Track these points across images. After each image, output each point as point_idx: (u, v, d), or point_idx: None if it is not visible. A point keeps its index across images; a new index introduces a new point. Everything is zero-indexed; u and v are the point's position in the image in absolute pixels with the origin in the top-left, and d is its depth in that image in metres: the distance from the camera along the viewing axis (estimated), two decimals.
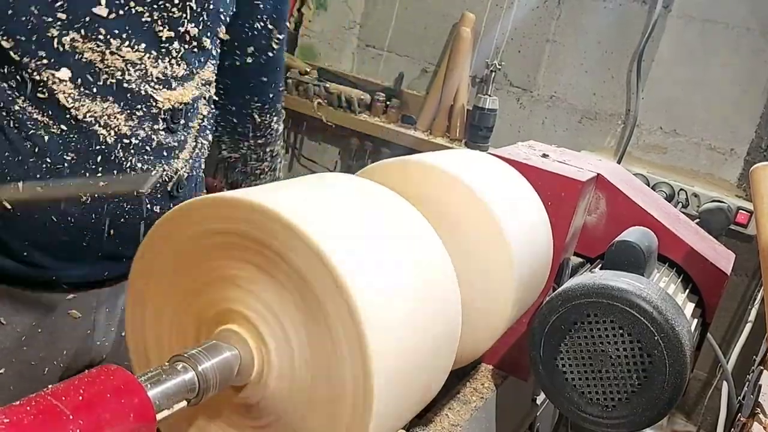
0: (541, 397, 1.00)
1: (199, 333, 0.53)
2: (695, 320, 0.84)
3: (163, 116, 0.84)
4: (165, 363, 0.46)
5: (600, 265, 0.82)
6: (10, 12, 0.71)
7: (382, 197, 0.59)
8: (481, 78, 2.32)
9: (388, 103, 2.40)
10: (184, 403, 0.45)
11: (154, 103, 0.82)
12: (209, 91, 0.93)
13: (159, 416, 0.42)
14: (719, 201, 1.92)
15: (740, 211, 1.91)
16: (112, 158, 0.80)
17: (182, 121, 0.87)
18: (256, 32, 1.02)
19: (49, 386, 0.38)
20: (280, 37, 1.05)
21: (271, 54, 1.05)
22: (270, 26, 1.03)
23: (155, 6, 0.78)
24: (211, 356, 0.47)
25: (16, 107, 0.75)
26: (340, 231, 0.49)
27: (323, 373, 0.47)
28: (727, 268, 0.87)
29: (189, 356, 0.46)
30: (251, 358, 0.49)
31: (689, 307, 0.83)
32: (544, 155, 0.91)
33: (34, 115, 0.76)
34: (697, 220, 1.83)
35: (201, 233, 0.51)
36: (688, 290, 0.86)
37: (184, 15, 0.81)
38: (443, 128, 2.32)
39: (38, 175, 0.78)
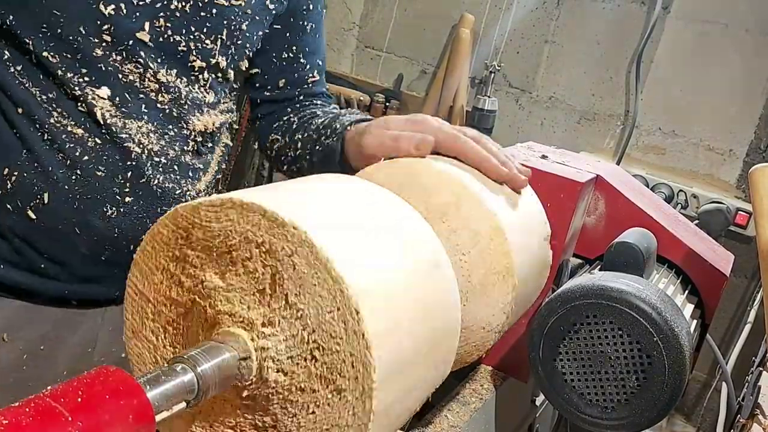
0: (540, 399, 1.00)
1: (198, 334, 0.53)
2: (694, 321, 0.84)
3: (192, 138, 0.87)
4: (164, 364, 0.46)
5: (599, 267, 0.82)
6: (59, 31, 0.75)
7: (381, 196, 0.59)
8: (481, 79, 2.33)
9: (387, 104, 2.41)
10: (183, 405, 0.45)
11: (185, 125, 0.86)
12: (232, 118, 0.96)
13: (158, 417, 0.42)
14: (718, 202, 1.93)
15: (739, 212, 1.92)
16: (141, 174, 0.82)
17: (209, 145, 0.91)
18: (285, 64, 1.01)
19: (48, 387, 0.38)
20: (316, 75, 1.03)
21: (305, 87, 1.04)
22: (303, 60, 1.01)
23: (191, 36, 0.82)
24: (210, 357, 0.47)
25: (52, 120, 0.78)
26: (337, 227, 0.49)
27: (322, 373, 0.47)
28: (726, 269, 0.87)
29: (188, 357, 0.46)
30: (251, 359, 0.49)
31: (688, 308, 0.83)
32: (543, 156, 0.91)
33: (69, 128, 0.78)
34: (696, 221, 1.83)
35: (199, 235, 0.51)
36: (687, 291, 0.86)
37: (215, 47, 0.85)
38: None
39: (66, 187, 0.79)
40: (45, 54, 0.75)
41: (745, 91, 1.94)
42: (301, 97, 1.04)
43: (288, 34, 0.98)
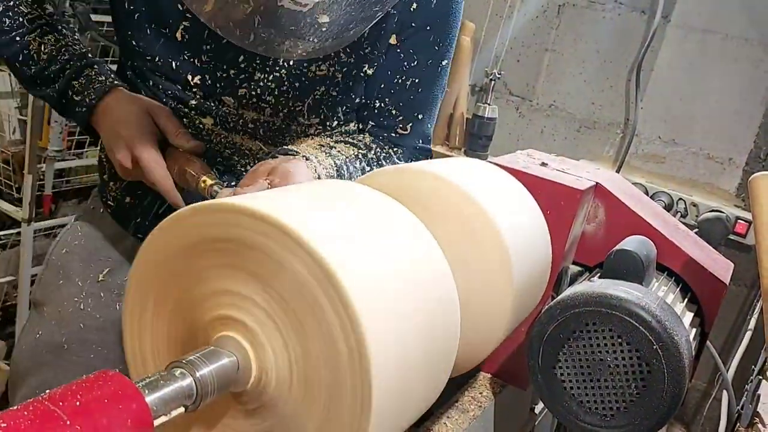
0: (539, 406, 1.00)
1: (197, 339, 0.52)
2: (694, 329, 0.84)
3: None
4: (162, 369, 0.45)
5: (599, 274, 0.82)
6: (161, 84, 0.90)
7: (382, 204, 0.59)
8: (481, 87, 2.33)
9: None
10: (181, 410, 0.44)
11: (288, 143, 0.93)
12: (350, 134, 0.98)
13: (156, 422, 0.41)
14: (718, 211, 1.93)
15: (739, 221, 1.92)
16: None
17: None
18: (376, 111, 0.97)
19: (46, 391, 0.37)
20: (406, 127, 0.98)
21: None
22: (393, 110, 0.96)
23: (277, 100, 0.90)
24: (209, 362, 0.47)
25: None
26: (340, 237, 0.49)
27: (321, 380, 0.47)
28: (725, 277, 0.87)
29: (187, 362, 0.46)
30: (249, 365, 0.49)
31: (688, 317, 0.83)
32: (543, 164, 0.91)
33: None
34: (696, 229, 1.83)
35: (195, 241, 0.51)
36: (686, 299, 0.86)
37: (303, 109, 0.91)
38: (443, 137, 2.32)
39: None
40: (160, 91, 0.90)
41: (745, 100, 1.95)
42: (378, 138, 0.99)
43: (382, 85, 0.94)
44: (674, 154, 2.07)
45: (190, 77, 0.88)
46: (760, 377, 0.80)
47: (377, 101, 0.95)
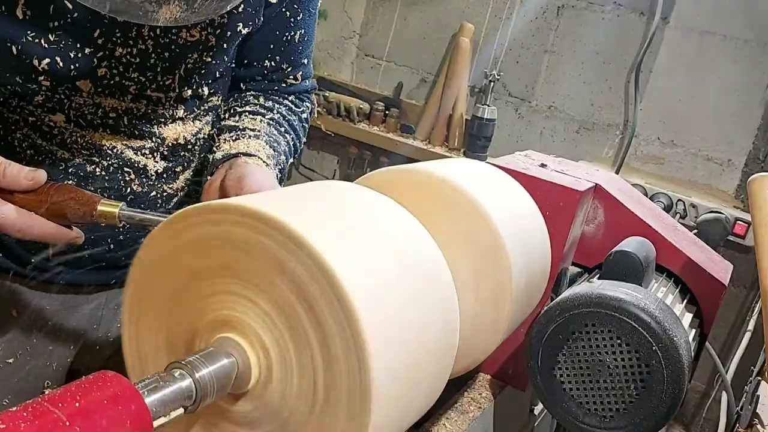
0: (538, 407, 1.00)
1: (196, 340, 0.52)
2: (693, 330, 0.84)
3: (164, 146, 0.86)
4: (162, 370, 0.45)
5: (598, 275, 0.82)
6: (2, 78, 0.74)
7: (382, 206, 0.59)
8: (480, 88, 2.33)
9: (387, 112, 2.41)
10: (181, 411, 0.44)
11: (151, 138, 0.84)
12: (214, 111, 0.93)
13: (156, 423, 0.41)
14: (717, 212, 1.93)
15: (738, 222, 1.92)
16: (111, 180, 0.83)
17: (182, 153, 0.89)
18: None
19: (46, 392, 0.37)
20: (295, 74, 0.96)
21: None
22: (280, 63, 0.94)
23: (142, 77, 0.79)
24: (209, 363, 0.47)
25: (18, 135, 0.79)
26: (339, 238, 0.49)
27: (320, 381, 0.47)
28: (725, 278, 0.87)
29: (186, 363, 0.46)
30: (249, 366, 0.49)
31: (687, 318, 0.83)
32: (542, 165, 0.92)
33: (38, 142, 0.79)
34: (695, 230, 1.83)
35: (193, 241, 0.51)
36: (686, 300, 0.86)
37: (173, 82, 0.82)
38: (442, 138, 2.32)
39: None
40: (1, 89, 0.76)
41: (744, 101, 1.95)
42: (266, 84, 0.97)
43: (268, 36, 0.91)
44: (673, 156, 2.07)
45: (36, 62, 0.73)
46: (759, 378, 0.81)
47: (266, 61, 0.93)
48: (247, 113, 0.91)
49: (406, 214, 0.59)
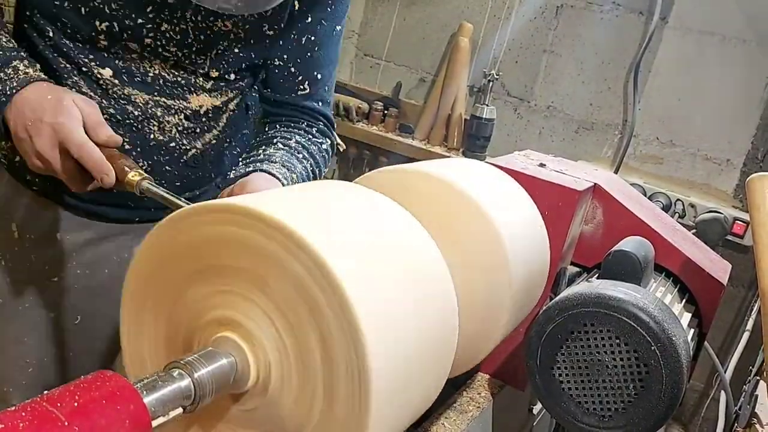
0: (537, 407, 1.00)
1: (195, 340, 0.52)
2: (692, 330, 0.84)
3: (188, 112, 0.97)
4: (161, 370, 0.45)
5: (597, 275, 0.82)
6: (68, 29, 0.89)
7: (382, 206, 0.59)
8: (479, 88, 2.33)
9: (386, 112, 2.41)
10: (179, 410, 0.44)
11: (181, 102, 0.96)
12: (235, 102, 1.03)
13: (154, 423, 0.41)
14: (716, 211, 1.93)
15: (736, 221, 1.92)
16: (139, 130, 0.95)
17: (204, 121, 1.00)
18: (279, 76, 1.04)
19: (45, 392, 0.37)
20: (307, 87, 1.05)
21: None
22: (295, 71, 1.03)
23: (181, 52, 0.92)
24: (207, 363, 0.46)
25: (70, 83, 0.91)
26: (339, 237, 0.49)
27: (320, 381, 0.47)
28: (723, 278, 0.87)
29: (185, 363, 0.46)
30: (247, 366, 0.49)
31: (686, 317, 0.83)
32: (541, 164, 0.92)
33: (84, 90, 0.91)
34: (694, 230, 1.83)
35: (193, 241, 0.51)
36: (684, 300, 0.86)
37: (205, 62, 0.94)
38: (441, 137, 2.32)
39: None
40: (62, 41, 0.90)
41: (742, 101, 1.95)
42: (288, 109, 1.06)
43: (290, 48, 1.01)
44: (672, 155, 2.07)
45: (98, 23, 0.88)
46: (758, 378, 0.81)
47: (277, 60, 1.02)
48: (264, 142, 1.02)
49: (406, 214, 0.59)
